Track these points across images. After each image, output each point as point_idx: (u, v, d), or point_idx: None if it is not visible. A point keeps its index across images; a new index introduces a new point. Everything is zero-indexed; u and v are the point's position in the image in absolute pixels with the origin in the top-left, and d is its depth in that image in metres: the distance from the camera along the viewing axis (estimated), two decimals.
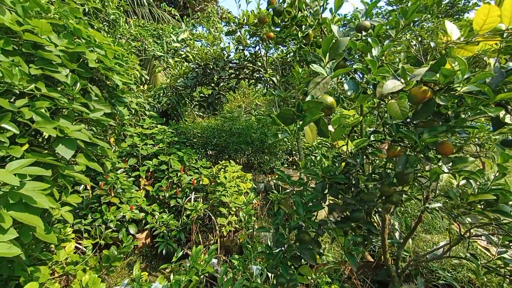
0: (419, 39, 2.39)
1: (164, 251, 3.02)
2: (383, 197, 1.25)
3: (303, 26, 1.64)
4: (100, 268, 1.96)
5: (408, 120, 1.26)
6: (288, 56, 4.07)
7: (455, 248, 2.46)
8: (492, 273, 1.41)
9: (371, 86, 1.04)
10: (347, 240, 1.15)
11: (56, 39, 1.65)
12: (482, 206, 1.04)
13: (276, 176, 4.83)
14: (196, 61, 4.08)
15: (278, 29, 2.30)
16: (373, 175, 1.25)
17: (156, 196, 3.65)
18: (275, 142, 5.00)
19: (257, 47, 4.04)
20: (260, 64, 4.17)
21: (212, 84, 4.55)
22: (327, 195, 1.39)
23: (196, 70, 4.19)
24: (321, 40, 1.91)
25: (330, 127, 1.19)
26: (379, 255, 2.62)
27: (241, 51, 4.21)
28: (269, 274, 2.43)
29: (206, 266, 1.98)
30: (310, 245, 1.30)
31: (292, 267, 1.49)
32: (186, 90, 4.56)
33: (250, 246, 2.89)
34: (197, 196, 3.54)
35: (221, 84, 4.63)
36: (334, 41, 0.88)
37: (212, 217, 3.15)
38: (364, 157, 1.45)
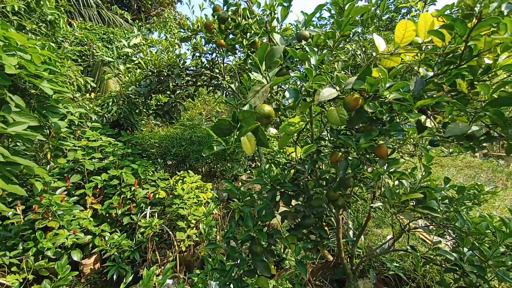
0: (363, 49, 2.61)
1: (115, 276, 2.72)
2: (331, 201, 1.28)
3: (248, 34, 1.66)
4: None
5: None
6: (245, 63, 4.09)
7: (402, 239, 2.68)
8: (430, 263, 1.54)
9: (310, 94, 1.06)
10: (298, 248, 1.15)
11: None
12: (414, 203, 1.14)
13: (228, 188, 4.78)
14: (149, 67, 3.86)
15: (230, 36, 2.30)
16: (320, 181, 1.28)
17: (107, 215, 3.30)
18: (236, 149, 4.96)
19: (214, 54, 4.00)
20: (217, 71, 4.12)
21: (168, 92, 4.35)
22: (279, 202, 1.39)
23: (150, 77, 3.97)
24: None
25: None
26: (337, 254, 2.72)
27: (197, 57, 4.11)
28: None
29: None
30: (264, 256, 1.27)
31: (249, 279, 1.44)
32: (139, 98, 4.28)
33: (211, 260, 2.77)
34: (153, 210, 3.30)
35: (178, 92, 4.45)
36: (269, 49, 0.88)
37: (170, 232, 2.95)
38: (315, 162, 1.49)
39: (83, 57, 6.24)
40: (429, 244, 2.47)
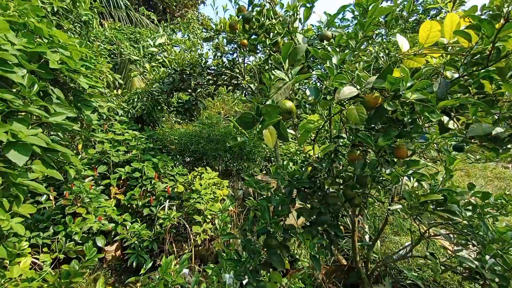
0: (387, 51, 2.58)
1: (134, 264, 2.87)
2: (347, 200, 1.29)
3: (271, 34, 1.70)
4: (59, 285, 1.81)
5: (373, 125, 1.33)
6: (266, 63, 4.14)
7: (420, 248, 2.59)
8: (449, 271, 1.50)
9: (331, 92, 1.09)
10: (312, 244, 1.17)
11: (13, 37, 1.55)
12: (434, 206, 1.12)
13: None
14: (172, 66, 4.03)
15: (253, 37, 2.36)
16: (337, 179, 1.29)
17: (128, 205, 3.48)
18: (253, 149, 5.02)
19: (235, 54, 4.09)
20: (238, 71, 4.20)
21: (189, 90, 4.50)
22: (296, 199, 1.41)
23: (173, 75, 4.13)
24: None
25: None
26: (352, 258, 2.68)
27: (219, 57, 4.22)
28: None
29: (176, 277, 1.91)
30: (278, 250, 1.30)
31: (264, 273, 1.48)
32: (162, 96, 4.47)
33: (225, 255, 2.84)
34: (171, 204, 3.43)
35: (198, 90, 4.59)
36: (293, 47, 0.92)
37: (187, 226, 3.06)
38: (332, 161, 1.50)
39: (112, 56, 6.61)
40: (449, 253, 2.37)
